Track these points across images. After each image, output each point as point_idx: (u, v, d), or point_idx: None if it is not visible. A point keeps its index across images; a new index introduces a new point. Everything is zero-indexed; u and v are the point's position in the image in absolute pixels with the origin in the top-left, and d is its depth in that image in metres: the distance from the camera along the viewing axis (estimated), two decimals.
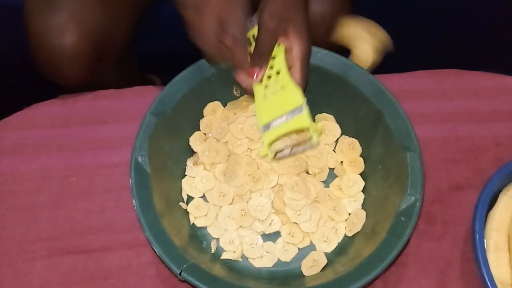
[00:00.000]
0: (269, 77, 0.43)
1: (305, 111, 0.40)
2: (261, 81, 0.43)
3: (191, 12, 0.39)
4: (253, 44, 0.42)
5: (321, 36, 0.60)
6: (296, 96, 0.41)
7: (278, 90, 0.42)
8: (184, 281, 0.38)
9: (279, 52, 0.42)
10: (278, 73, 0.42)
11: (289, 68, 0.42)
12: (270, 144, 0.42)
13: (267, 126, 0.42)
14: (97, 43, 0.51)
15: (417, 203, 0.40)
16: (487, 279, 0.39)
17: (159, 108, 0.44)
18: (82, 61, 0.50)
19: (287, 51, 0.42)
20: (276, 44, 0.42)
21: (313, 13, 0.59)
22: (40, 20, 0.49)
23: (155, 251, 0.39)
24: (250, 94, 0.44)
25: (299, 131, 0.41)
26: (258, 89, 0.43)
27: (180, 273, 0.37)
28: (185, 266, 0.38)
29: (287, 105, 0.41)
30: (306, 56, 0.42)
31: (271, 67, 0.43)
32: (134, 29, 0.58)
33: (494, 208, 0.44)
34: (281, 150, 0.42)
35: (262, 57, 0.41)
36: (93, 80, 0.53)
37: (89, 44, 0.50)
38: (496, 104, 0.55)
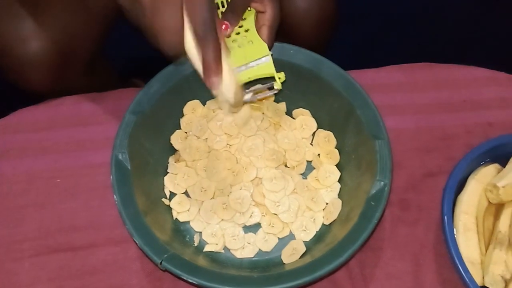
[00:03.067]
0: (237, 34, 0.46)
1: (271, 60, 0.43)
2: (229, 36, 0.45)
3: (149, 14, 0.33)
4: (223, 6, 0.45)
5: (307, 29, 0.62)
6: (262, 48, 0.44)
7: (245, 44, 0.45)
8: (166, 270, 0.39)
9: (249, 15, 0.45)
10: (247, 31, 0.45)
11: (259, 28, 0.45)
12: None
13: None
14: (62, 51, 0.52)
15: (386, 188, 0.41)
16: (455, 258, 0.41)
17: (138, 107, 0.46)
18: (46, 69, 0.51)
19: (260, 14, 0.45)
20: (248, 9, 0.45)
21: (298, 7, 0.61)
22: (4, 28, 0.50)
23: (136, 243, 0.40)
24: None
25: (261, 77, 0.44)
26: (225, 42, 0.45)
27: (161, 262, 0.39)
28: (165, 256, 0.39)
29: (252, 55, 0.44)
30: (276, 21, 0.45)
31: (241, 26, 0.46)
32: (102, 36, 0.59)
33: (462, 192, 0.46)
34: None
35: (234, 14, 0.44)
36: (60, 86, 0.55)
37: (53, 52, 0.51)
38: (466, 94, 0.57)
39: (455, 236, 0.43)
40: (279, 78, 0.44)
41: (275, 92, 0.45)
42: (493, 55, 0.93)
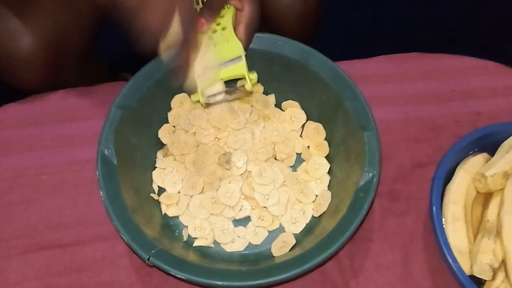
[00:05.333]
0: (214, 32, 0.45)
1: (244, 61, 0.43)
2: (205, 33, 0.45)
3: (135, 13, 0.36)
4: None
5: (290, 23, 0.62)
6: (236, 48, 0.43)
7: (220, 42, 0.44)
8: (154, 266, 0.39)
9: (227, 13, 0.45)
10: (223, 29, 0.45)
11: (236, 26, 0.45)
12: (204, 89, 0.44)
13: (202, 71, 0.44)
14: (52, 47, 0.51)
15: (374, 179, 0.41)
16: (444, 248, 0.41)
17: (124, 101, 0.45)
18: (38, 65, 0.51)
19: (238, 11, 0.45)
20: (226, 6, 0.45)
21: (281, 3, 0.61)
22: None
23: (124, 240, 0.40)
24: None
25: (233, 78, 0.43)
26: (201, 40, 0.45)
27: (149, 258, 0.38)
28: (153, 251, 0.39)
29: (226, 55, 0.44)
30: (254, 19, 0.45)
31: (218, 24, 0.45)
32: (93, 31, 0.58)
33: (451, 182, 0.46)
34: (214, 95, 0.45)
35: (211, 11, 0.44)
36: (52, 82, 0.54)
37: (44, 47, 0.51)
38: (455, 84, 0.57)
39: (444, 226, 0.43)
40: (251, 79, 0.44)
41: (246, 93, 0.45)
42: (482, 45, 0.93)
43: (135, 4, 0.35)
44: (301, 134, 0.52)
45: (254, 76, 0.44)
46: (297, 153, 0.51)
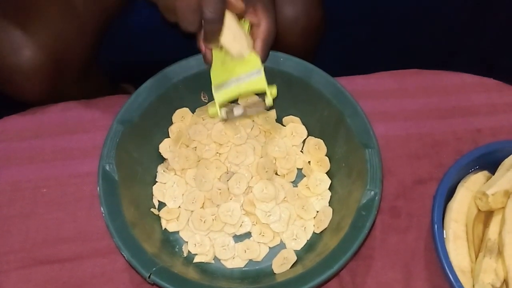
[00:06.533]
0: None
1: (263, 74, 0.42)
2: (221, 48, 0.44)
3: None
4: None
5: (294, 38, 0.62)
6: (254, 61, 0.43)
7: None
8: (154, 284, 0.39)
9: (243, 27, 0.44)
10: None
11: (253, 41, 0.44)
12: (221, 103, 0.43)
13: (220, 86, 0.43)
14: (54, 59, 0.51)
15: (376, 197, 0.41)
16: (446, 267, 0.41)
17: (126, 116, 0.45)
18: (39, 77, 0.51)
19: (254, 26, 0.44)
20: (242, 20, 0.44)
21: (285, 16, 0.61)
22: None
23: (124, 256, 0.39)
24: (208, 60, 0.45)
25: (252, 93, 0.42)
26: (217, 54, 0.45)
27: (149, 276, 0.38)
28: (154, 269, 0.38)
29: (244, 68, 0.43)
30: (271, 33, 0.44)
31: None
32: (95, 43, 0.59)
33: (452, 200, 0.46)
34: (232, 111, 0.44)
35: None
36: (54, 94, 0.54)
37: (46, 60, 0.51)
38: (456, 100, 0.57)
39: (445, 244, 0.43)
40: (271, 93, 0.43)
41: (266, 108, 0.44)
42: (482, 62, 0.93)
43: None
44: (302, 149, 0.52)
45: (274, 90, 0.43)
46: (298, 169, 0.51)
